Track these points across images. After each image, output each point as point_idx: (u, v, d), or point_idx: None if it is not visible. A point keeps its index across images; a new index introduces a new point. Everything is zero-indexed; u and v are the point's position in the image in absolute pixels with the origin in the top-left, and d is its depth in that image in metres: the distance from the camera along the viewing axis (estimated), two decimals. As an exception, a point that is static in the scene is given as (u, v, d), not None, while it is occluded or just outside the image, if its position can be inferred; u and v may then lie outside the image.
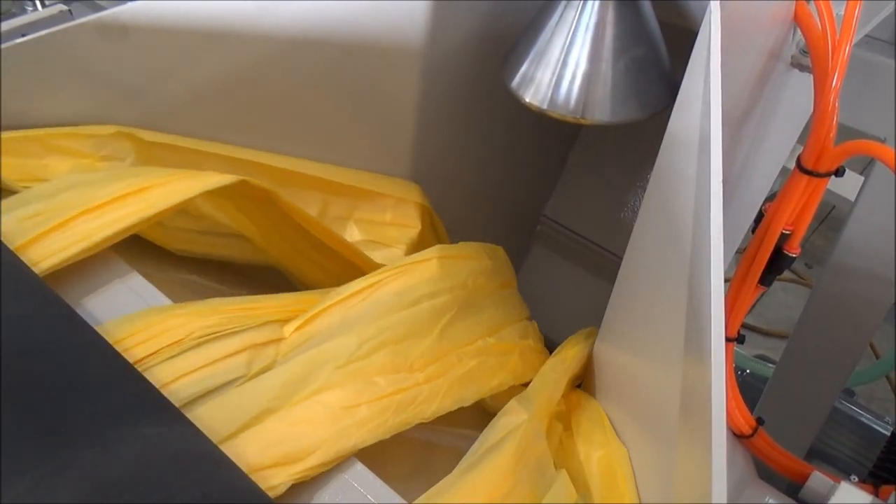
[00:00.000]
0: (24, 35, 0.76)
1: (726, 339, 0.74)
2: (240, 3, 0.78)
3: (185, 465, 0.50)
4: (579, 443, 0.69)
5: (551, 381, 0.73)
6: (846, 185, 1.39)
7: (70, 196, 0.69)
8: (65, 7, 1.25)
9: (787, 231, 0.70)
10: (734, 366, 0.91)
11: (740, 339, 0.78)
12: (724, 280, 0.50)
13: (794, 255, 0.72)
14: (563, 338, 0.85)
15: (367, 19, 0.82)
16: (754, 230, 0.73)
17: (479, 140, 1.09)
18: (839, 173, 0.68)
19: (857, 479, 0.79)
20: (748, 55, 0.66)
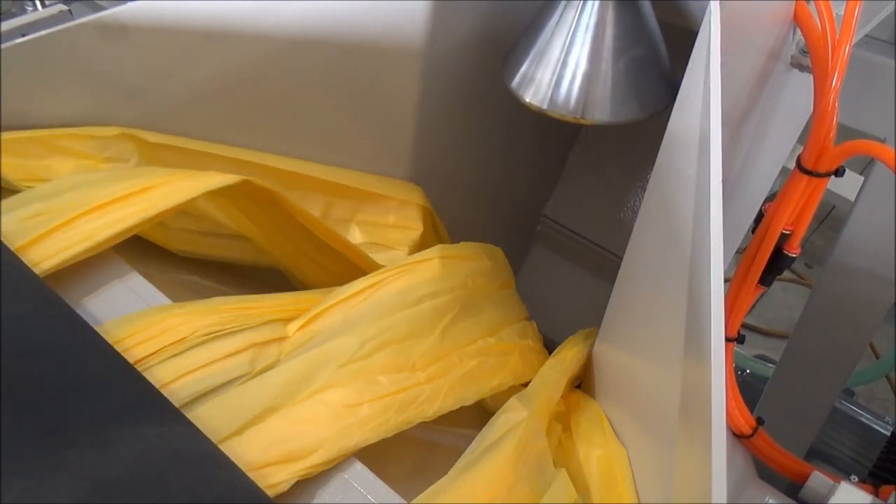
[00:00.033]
0: (24, 35, 0.75)
1: (726, 339, 0.75)
2: (240, 3, 0.78)
3: (185, 465, 0.50)
4: (578, 443, 0.69)
5: (551, 380, 0.74)
6: (846, 185, 1.39)
7: (72, 196, 0.69)
8: (65, 7, 1.24)
9: (787, 231, 0.70)
10: (734, 366, 0.91)
11: (740, 339, 0.78)
12: (724, 280, 0.50)
13: (794, 255, 0.72)
14: (563, 338, 0.85)
15: (367, 19, 0.82)
16: (754, 230, 0.73)
17: (479, 140, 1.09)
18: (839, 173, 0.68)
19: (857, 479, 0.79)
20: (748, 55, 0.66)
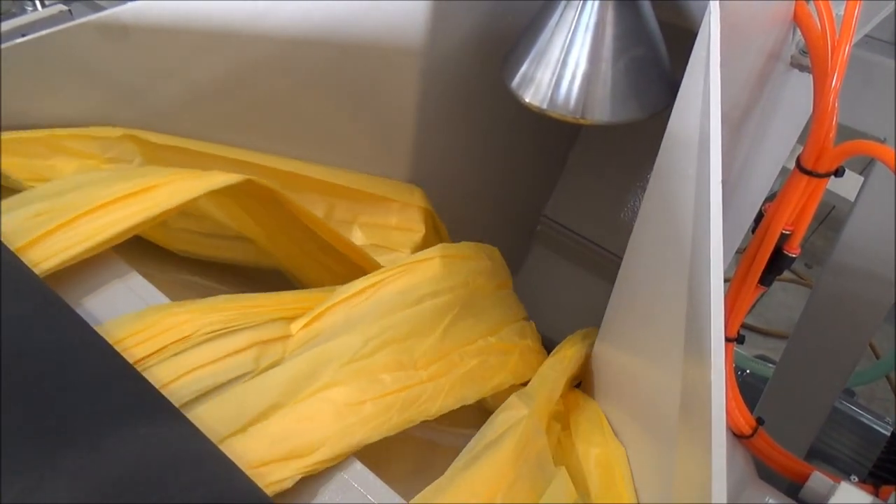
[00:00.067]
0: (24, 35, 0.75)
1: (726, 339, 0.75)
2: (240, 3, 0.78)
3: (184, 465, 0.50)
4: (577, 441, 0.69)
5: (551, 379, 0.74)
6: (846, 185, 1.39)
7: (75, 195, 0.69)
8: (65, 7, 1.24)
9: (787, 231, 0.70)
10: (734, 366, 0.91)
11: (740, 339, 0.78)
12: (724, 280, 0.50)
13: (794, 256, 0.72)
14: (563, 338, 0.85)
15: (366, 19, 0.82)
16: (754, 230, 0.73)
17: (478, 140, 1.09)
18: (839, 173, 0.68)
19: (857, 479, 0.79)
20: (748, 55, 0.66)
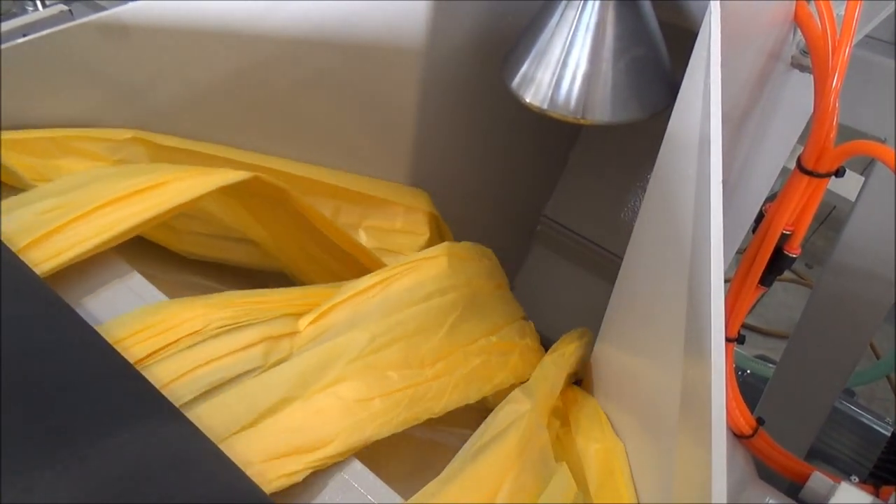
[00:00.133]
0: (24, 35, 0.75)
1: (726, 339, 0.74)
2: (240, 3, 0.78)
3: (185, 465, 0.50)
4: (577, 437, 0.70)
5: (551, 375, 0.74)
6: (846, 185, 1.39)
7: (84, 191, 0.69)
8: (65, 7, 1.24)
9: (788, 231, 0.70)
10: (734, 366, 0.91)
11: (740, 339, 0.78)
12: (725, 280, 0.50)
13: (794, 256, 0.72)
14: (563, 338, 0.85)
15: (367, 20, 0.82)
16: (754, 230, 0.73)
17: (479, 140, 1.09)
18: (839, 174, 0.68)
19: (857, 479, 0.79)
20: (748, 55, 0.66)
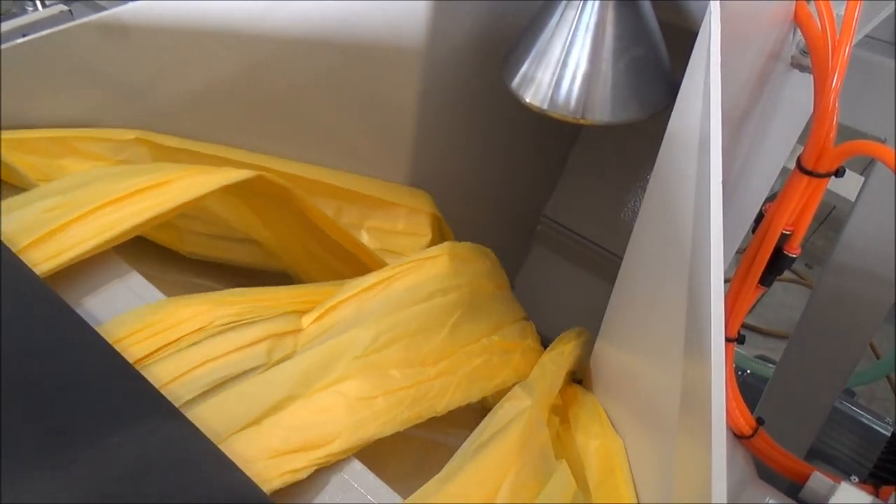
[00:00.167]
0: (24, 35, 0.75)
1: (726, 339, 0.74)
2: (240, 3, 0.78)
3: (184, 465, 0.50)
4: (577, 433, 0.70)
5: (550, 372, 0.74)
6: (846, 185, 1.39)
7: (89, 190, 0.70)
8: (65, 7, 1.24)
9: (788, 231, 0.70)
10: (734, 366, 0.91)
11: (740, 339, 0.78)
12: (724, 280, 0.50)
13: (794, 256, 0.72)
14: (564, 338, 0.85)
15: (367, 20, 0.82)
16: (754, 230, 0.73)
17: (479, 140, 1.09)
18: (839, 174, 0.68)
19: (857, 479, 0.79)
20: (748, 55, 0.66)
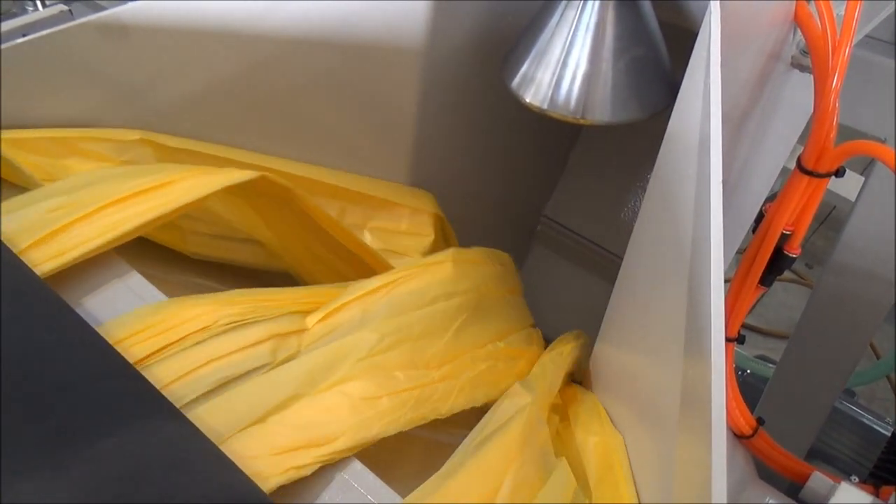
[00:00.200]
0: (24, 35, 0.75)
1: (726, 339, 0.74)
2: (240, 3, 0.78)
3: (185, 466, 0.50)
4: (576, 430, 0.70)
5: (550, 371, 0.75)
6: (846, 185, 1.40)
7: (93, 190, 0.70)
8: (65, 7, 1.24)
9: (788, 231, 0.70)
10: (734, 366, 0.91)
11: (740, 339, 0.78)
12: (725, 280, 0.50)
13: (794, 256, 0.72)
14: (563, 339, 0.85)
15: (367, 20, 0.82)
16: (754, 230, 0.73)
17: (479, 140, 1.09)
18: (839, 174, 0.68)
19: (857, 479, 0.79)
20: (748, 55, 0.66)
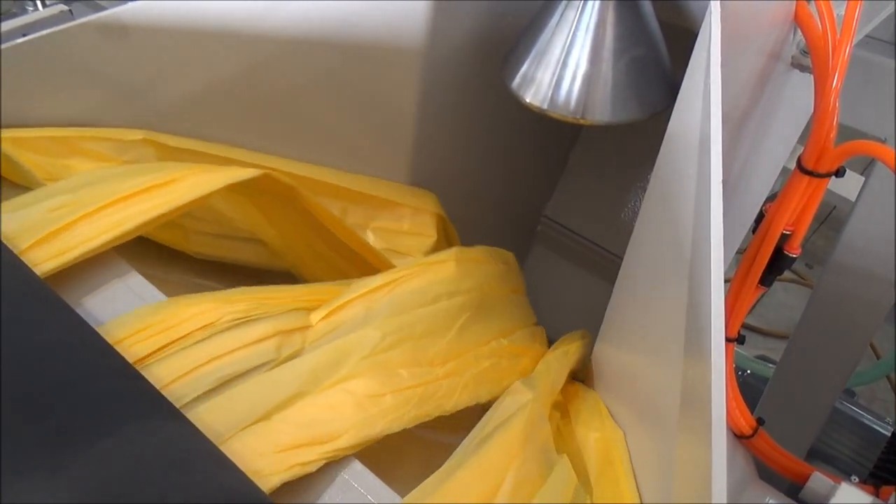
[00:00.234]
0: (24, 35, 0.75)
1: (726, 339, 0.74)
2: (240, 3, 0.78)
3: (184, 465, 0.50)
4: (577, 427, 0.70)
5: (553, 369, 0.75)
6: (846, 185, 1.40)
7: (96, 188, 0.70)
8: (65, 7, 1.24)
9: (788, 231, 0.70)
10: (734, 366, 0.91)
11: (740, 339, 0.78)
12: (725, 280, 0.50)
13: (794, 256, 0.72)
14: (563, 339, 0.85)
15: (367, 20, 0.82)
16: (755, 230, 0.73)
17: (479, 140, 1.09)
18: (839, 174, 0.68)
19: (857, 479, 0.79)
20: (748, 55, 0.66)
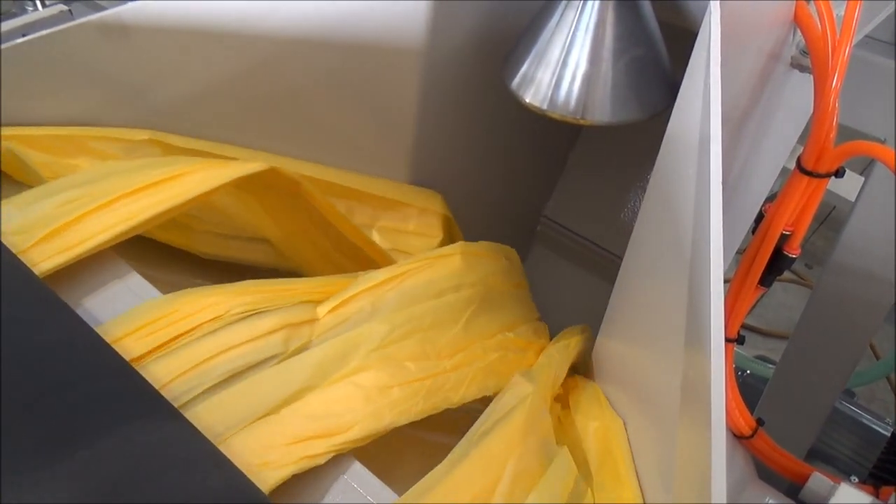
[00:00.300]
0: (24, 35, 0.76)
1: (726, 339, 0.75)
2: (240, 3, 0.78)
3: (184, 465, 0.50)
4: (577, 416, 0.71)
5: (555, 362, 0.75)
6: (846, 185, 1.39)
7: (105, 183, 0.70)
8: (65, 7, 1.25)
9: (788, 232, 0.71)
10: (734, 366, 0.91)
11: (740, 339, 0.78)
12: (724, 281, 0.50)
13: (794, 256, 0.72)
14: (563, 338, 0.85)
15: (367, 20, 0.82)
16: (754, 231, 0.73)
17: (479, 140, 1.09)
18: (839, 174, 0.68)
19: (857, 479, 0.79)
20: (748, 55, 0.66)
